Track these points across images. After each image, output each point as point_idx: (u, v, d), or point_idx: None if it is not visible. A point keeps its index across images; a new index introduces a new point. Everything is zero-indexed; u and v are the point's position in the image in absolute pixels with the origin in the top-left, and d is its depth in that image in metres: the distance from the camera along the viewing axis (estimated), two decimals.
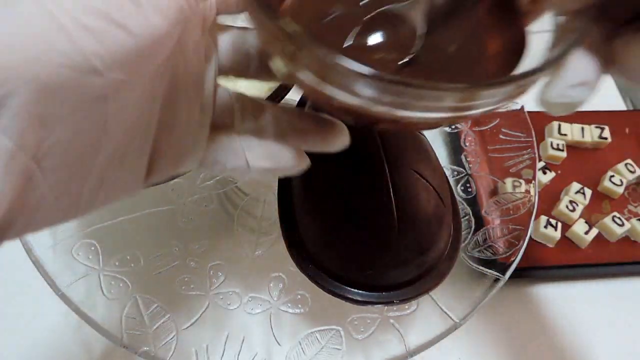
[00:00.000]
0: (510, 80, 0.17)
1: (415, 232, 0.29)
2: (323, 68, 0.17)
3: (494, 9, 0.24)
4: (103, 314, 0.31)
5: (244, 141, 0.22)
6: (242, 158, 0.22)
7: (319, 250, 0.30)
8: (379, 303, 0.30)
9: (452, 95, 0.17)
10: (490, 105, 0.18)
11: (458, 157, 0.42)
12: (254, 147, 0.22)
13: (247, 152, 0.22)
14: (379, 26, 0.23)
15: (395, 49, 0.23)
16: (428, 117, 0.18)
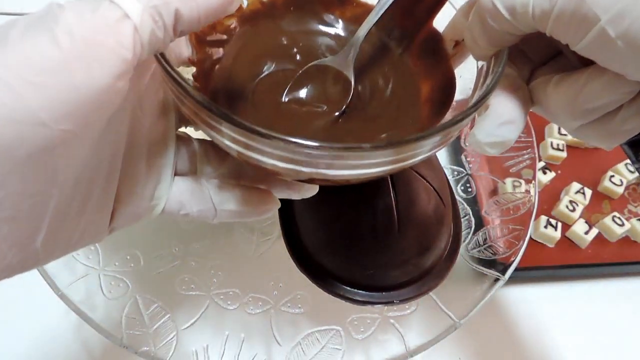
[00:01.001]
0: (437, 130, 0.18)
1: (415, 232, 0.29)
2: (239, 137, 0.17)
3: (422, 54, 0.25)
4: (103, 314, 0.31)
5: (210, 185, 0.23)
6: (209, 202, 0.22)
7: (319, 250, 0.30)
8: (379, 303, 0.30)
9: (383, 153, 0.17)
10: (423, 155, 0.19)
11: (458, 157, 0.42)
12: (220, 191, 0.23)
13: (214, 195, 0.22)
14: (313, 79, 0.24)
15: (331, 101, 0.23)
16: (361, 173, 0.18)
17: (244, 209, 0.23)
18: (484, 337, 0.40)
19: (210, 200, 0.22)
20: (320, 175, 0.18)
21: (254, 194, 0.23)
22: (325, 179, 0.19)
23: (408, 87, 0.25)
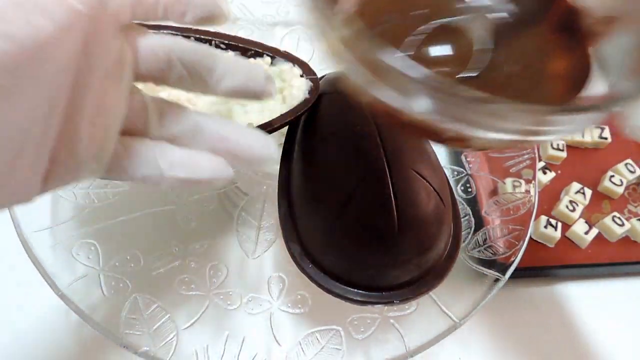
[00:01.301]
0: (595, 108, 0.16)
1: (415, 232, 0.29)
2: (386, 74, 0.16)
3: (559, 28, 0.23)
4: (103, 314, 0.31)
5: (157, 148, 0.21)
6: (155, 166, 0.21)
7: (319, 250, 0.30)
8: (379, 303, 0.30)
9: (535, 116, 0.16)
10: (569, 132, 0.17)
11: (458, 157, 0.42)
12: (168, 155, 0.21)
13: (160, 159, 0.21)
14: (441, 39, 0.22)
15: (456, 63, 0.22)
16: (500, 138, 0.17)
17: (194, 177, 0.21)
18: (484, 337, 0.40)
19: (158, 165, 0.21)
20: (458, 135, 0.17)
21: (206, 161, 0.21)
22: (461, 139, 0.18)
23: (539, 61, 0.23)
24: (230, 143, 0.22)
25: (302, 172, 0.31)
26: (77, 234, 0.34)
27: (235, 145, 0.22)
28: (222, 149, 0.22)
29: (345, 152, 0.30)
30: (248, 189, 0.38)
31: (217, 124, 0.22)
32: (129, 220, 0.36)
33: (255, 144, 0.22)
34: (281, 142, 0.34)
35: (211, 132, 0.22)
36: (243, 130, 0.23)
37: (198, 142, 0.22)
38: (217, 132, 0.22)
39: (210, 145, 0.22)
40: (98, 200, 0.36)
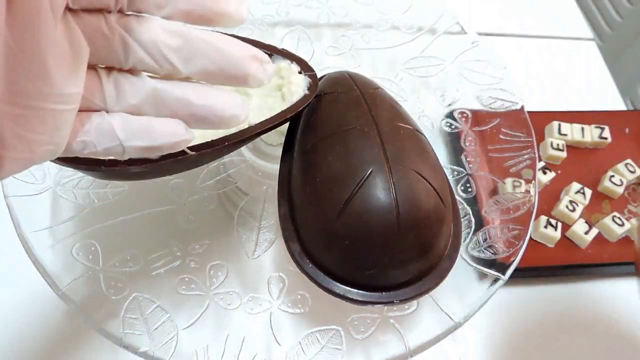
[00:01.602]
0: None
1: (415, 232, 0.29)
2: None
3: None
4: (103, 314, 0.31)
5: (115, 119, 0.21)
6: (114, 138, 0.20)
7: (319, 250, 0.30)
8: (379, 303, 0.30)
9: None
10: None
11: (458, 157, 0.42)
12: (127, 125, 0.21)
13: (119, 131, 0.20)
14: None
15: None
16: None
17: (154, 144, 0.21)
18: (484, 337, 0.40)
19: (116, 136, 0.20)
20: None
21: (164, 126, 0.21)
22: None
23: None
24: (192, 107, 0.22)
25: (302, 172, 0.31)
26: (77, 234, 0.34)
27: (198, 108, 0.22)
28: (185, 113, 0.22)
29: (345, 152, 0.30)
30: (248, 189, 0.38)
31: (177, 89, 0.21)
32: (129, 220, 0.36)
33: (217, 104, 0.22)
34: (281, 141, 0.34)
35: (172, 97, 0.21)
36: (205, 92, 0.22)
37: (159, 109, 0.21)
38: (178, 96, 0.21)
39: (173, 111, 0.21)
40: (98, 200, 0.36)
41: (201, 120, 0.22)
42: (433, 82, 0.45)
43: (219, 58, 0.21)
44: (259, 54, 0.23)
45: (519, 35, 0.63)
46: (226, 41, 0.22)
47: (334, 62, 0.47)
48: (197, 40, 0.21)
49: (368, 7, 0.49)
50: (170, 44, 0.20)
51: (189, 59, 0.21)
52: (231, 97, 0.22)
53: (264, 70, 0.23)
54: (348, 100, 0.33)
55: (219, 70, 0.22)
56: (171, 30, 0.20)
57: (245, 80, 0.22)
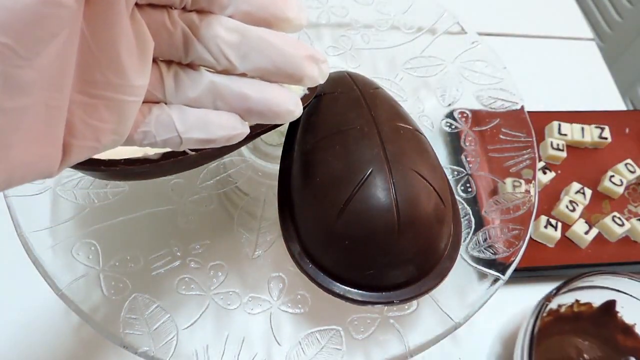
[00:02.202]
0: None
1: (415, 232, 0.29)
2: None
3: None
4: (103, 314, 0.31)
5: (174, 111, 0.21)
6: (173, 129, 0.21)
7: (319, 250, 0.30)
8: (379, 303, 0.30)
9: None
10: None
11: (458, 157, 0.42)
12: (185, 117, 0.21)
13: (178, 123, 0.21)
14: None
15: None
16: None
17: (211, 136, 0.22)
18: (484, 337, 0.40)
19: (175, 128, 0.21)
20: None
21: (221, 119, 0.22)
22: None
23: None
24: (249, 101, 0.22)
25: (302, 172, 0.31)
26: (77, 234, 0.34)
27: (255, 102, 0.22)
28: (241, 107, 0.22)
29: (345, 152, 0.30)
30: (248, 189, 0.38)
31: (235, 83, 0.22)
32: (129, 220, 0.36)
33: (273, 99, 0.22)
34: (281, 141, 0.34)
35: (229, 91, 0.22)
36: (262, 87, 0.22)
37: (216, 103, 0.22)
38: (235, 91, 0.22)
39: (230, 105, 0.22)
40: (98, 200, 0.36)
41: (258, 114, 0.22)
42: (433, 82, 0.45)
43: (276, 56, 0.22)
44: (316, 54, 0.23)
45: (519, 35, 0.63)
46: (284, 40, 0.22)
47: (334, 62, 0.47)
48: (255, 38, 0.21)
49: (368, 7, 0.49)
50: (228, 41, 0.21)
51: (245, 56, 0.21)
52: (287, 93, 0.23)
53: (320, 70, 0.23)
54: (348, 100, 0.33)
55: (276, 68, 0.22)
56: (230, 27, 0.21)
57: (301, 80, 0.23)
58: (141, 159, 0.25)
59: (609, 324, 0.39)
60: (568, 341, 0.38)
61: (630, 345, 0.38)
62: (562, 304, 0.39)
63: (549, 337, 0.38)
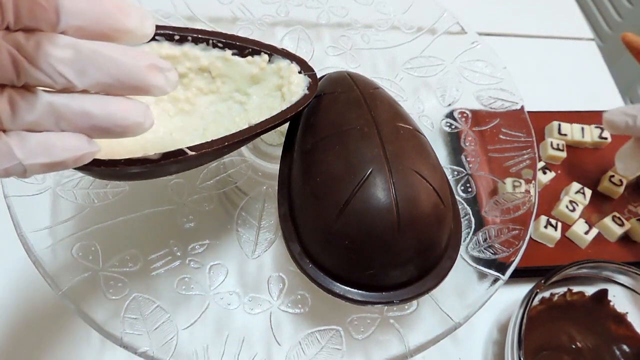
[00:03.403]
0: None
1: (415, 232, 0.29)
2: None
3: None
4: (103, 314, 0.31)
5: (13, 138, 0.20)
6: (13, 157, 0.20)
7: (319, 250, 0.30)
8: (379, 303, 0.30)
9: None
10: None
11: (458, 157, 0.42)
12: (25, 143, 0.20)
13: (17, 149, 0.20)
14: None
15: None
16: None
17: (56, 160, 0.21)
18: (484, 337, 0.40)
19: (15, 156, 0.20)
20: None
21: (65, 141, 0.21)
22: None
23: None
24: (92, 118, 0.21)
25: (302, 172, 0.31)
26: (77, 234, 0.34)
27: (98, 119, 0.21)
28: (86, 125, 0.21)
29: (345, 152, 0.30)
30: (248, 189, 0.38)
31: (74, 101, 0.21)
32: (129, 220, 0.36)
33: (118, 113, 0.21)
34: (281, 141, 0.34)
35: (70, 111, 0.21)
36: (105, 102, 0.21)
37: (59, 123, 0.21)
38: (75, 109, 0.21)
39: (73, 125, 0.21)
40: (98, 200, 0.36)
41: (104, 131, 0.21)
42: (433, 82, 0.45)
43: (115, 69, 0.21)
44: (159, 62, 0.22)
45: (519, 35, 0.63)
46: (122, 52, 0.21)
47: (334, 62, 0.47)
48: (89, 52, 0.20)
49: (368, 7, 0.49)
50: (61, 57, 0.20)
51: (82, 72, 0.20)
52: (133, 105, 0.22)
53: (165, 78, 0.22)
54: (348, 100, 0.33)
55: (117, 81, 0.21)
56: (62, 44, 0.20)
57: (147, 90, 0.22)
58: (141, 159, 0.25)
59: (601, 312, 0.39)
60: (560, 329, 0.39)
61: (622, 334, 0.39)
62: (555, 292, 0.39)
63: (542, 325, 0.38)
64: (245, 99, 0.34)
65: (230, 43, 0.31)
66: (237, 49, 0.32)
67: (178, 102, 0.32)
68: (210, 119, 0.33)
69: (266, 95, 0.33)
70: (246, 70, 0.32)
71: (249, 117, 0.32)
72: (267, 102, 0.33)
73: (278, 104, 0.32)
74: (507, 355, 0.35)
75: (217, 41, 0.31)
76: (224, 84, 0.33)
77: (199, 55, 0.31)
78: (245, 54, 0.32)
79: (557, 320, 0.39)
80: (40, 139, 0.20)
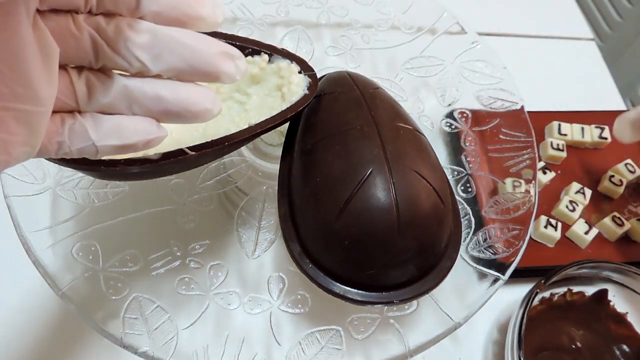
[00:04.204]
0: None
1: (415, 232, 0.29)
2: None
3: None
4: (103, 314, 0.31)
5: (88, 120, 0.21)
6: (87, 138, 0.21)
7: (319, 250, 0.30)
8: (379, 303, 0.30)
9: None
10: None
11: (458, 157, 0.42)
12: (99, 125, 0.21)
13: (92, 131, 0.21)
14: None
15: None
16: None
17: (127, 142, 0.21)
18: (484, 337, 0.40)
19: (89, 137, 0.21)
20: None
21: (137, 124, 0.21)
22: None
23: None
24: (164, 102, 0.22)
25: (302, 172, 0.31)
26: (77, 234, 0.34)
27: (170, 103, 0.22)
28: (158, 109, 0.22)
29: (345, 152, 0.30)
30: (248, 189, 0.38)
31: (148, 85, 0.21)
32: (129, 220, 0.36)
33: (189, 99, 0.22)
34: (281, 141, 0.34)
35: (143, 94, 0.21)
36: (177, 87, 0.22)
37: (132, 107, 0.21)
38: (148, 94, 0.21)
39: (146, 108, 0.22)
40: (98, 200, 0.36)
41: (175, 116, 0.22)
42: (433, 82, 0.45)
43: (189, 55, 0.21)
44: (231, 49, 0.22)
45: (519, 35, 0.63)
46: (196, 38, 0.21)
47: (334, 62, 0.47)
48: (166, 38, 0.21)
49: (368, 7, 0.49)
50: (139, 42, 0.20)
51: (158, 57, 0.21)
52: (203, 91, 0.22)
53: (236, 66, 0.23)
54: (348, 100, 0.33)
55: (189, 67, 0.21)
56: (140, 29, 0.20)
57: (217, 77, 0.22)
58: (141, 159, 0.25)
59: (601, 312, 0.39)
60: (560, 329, 0.39)
61: (622, 334, 0.39)
62: (555, 292, 0.39)
63: (542, 325, 0.38)
64: (245, 98, 0.33)
65: (230, 43, 0.31)
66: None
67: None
68: None
69: (266, 95, 0.33)
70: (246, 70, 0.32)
71: (248, 117, 0.32)
72: (267, 102, 0.33)
73: (278, 104, 0.32)
74: (507, 355, 0.35)
75: None
76: (224, 84, 0.33)
77: None
78: (245, 54, 0.32)
79: (557, 320, 0.39)
80: (114, 122, 0.21)
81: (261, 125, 0.29)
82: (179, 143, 0.29)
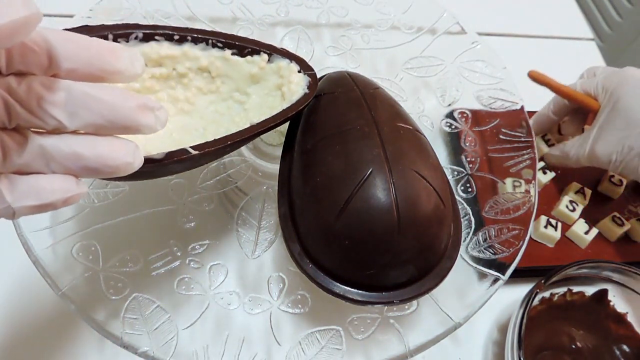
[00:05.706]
0: None
1: (415, 232, 0.29)
2: None
3: None
4: (103, 314, 0.31)
5: (3, 182, 0.20)
6: (2, 200, 0.20)
7: (319, 250, 0.30)
8: (379, 303, 0.30)
9: None
10: None
11: (458, 157, 0.42)
12: (14, 186, 0.20)
13: (7, 193, 0.20)
14: None
15: None
16: None
17: (45, 202, 0.21)
18: (484, 337, 0.40)
19: (4, 199, 0.20)
20: None
21: (53, 184, 0.21)
22: None
23: None
24: (82, 160, 0.21)
25: (302, 172, 0.31)
26: (77, 234, 0.34)
27: (89, 160, 0.21)
28: (76, 167, 0.21)
29: (345, 152, 0.30)
30: (248, 189, 0.38)
31: (65, 143, 0.21)
32: (129, 220, 0.36)
33: (108, 154, 0.21)
34: (281, 141, 0.34)
35: (60, 153, 0.21)
36: (95, 143, 0.21)
37: (50, 165, 0.21)
38: (65, 151, 0.21)
39: (64, 166, 0.21)
40: (98, 200, 0.36)
41: (94, 171, 0.22)
42: (433, 82, 0.45)
43: (106, 111, 0.21)
44: (149, 102, 0.22)
45: (519, 35, 0.63)
46: (112, 93, 0.21)
47: (334, 62, 0.47)
48: (81, 95, 0.20)
49: (368, 7, 0.49)
50: (53, 100, 0.20)
51: (74, 114, 0.20)
52: (123, 145, 0.22)
53: (156, 117, 0.22)
54: (348, 100, 0.33)
55: (108, 122, 0.21)
56: (54, 87, 0.20)
57: (138, 130, 0.22)
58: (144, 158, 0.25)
59: (601, 312, 0.39)
60: (561, 329, 0.39)
61: (622, 334, 0.39)
62: (555, 292, 0.39)
63: (542, 325, 0.39)
64: (245, 98, 0.34)
65: (230, 43, 0.31)
66: (236, 49, 0.32)
67: (178, 102, 0.32)
68: (210, 118, 0.33)
69: (266, 95, 0.33)
70: (246, 69, 0.32)
71: (248, 117, 0.32)
72: (267, 101, 0.33)
73: (278, 104, 0.32)
74: (507, 355, 0.35)
75: (216, 41, 0.31)
76: (224, 84, 0.33)
77: (199, 55, 0.31)
78: (245, 53, 0.32)
79: (557, 320, 0.39)
80: (30, 182, 0.21)
81: (262, 125, 0.29)
82: (179, 143, 0.29)
